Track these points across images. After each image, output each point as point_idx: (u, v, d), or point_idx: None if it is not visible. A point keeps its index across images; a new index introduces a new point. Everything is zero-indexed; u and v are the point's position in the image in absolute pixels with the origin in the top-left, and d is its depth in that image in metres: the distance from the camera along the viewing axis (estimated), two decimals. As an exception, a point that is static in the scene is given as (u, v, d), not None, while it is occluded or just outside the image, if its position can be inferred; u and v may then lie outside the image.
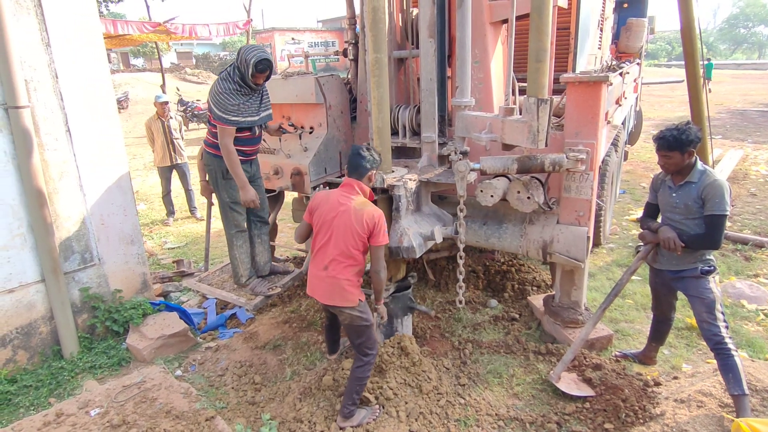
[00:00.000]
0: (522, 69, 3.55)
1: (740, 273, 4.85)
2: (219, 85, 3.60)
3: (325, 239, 2.81)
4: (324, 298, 2.84)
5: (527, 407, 3.14)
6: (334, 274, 2.76)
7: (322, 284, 2.82)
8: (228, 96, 3.56)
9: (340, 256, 2.75)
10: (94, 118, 3.88)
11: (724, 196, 2.72)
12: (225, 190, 3.84)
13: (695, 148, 2.81)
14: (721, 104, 17.26)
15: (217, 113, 3.59)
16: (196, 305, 4.60)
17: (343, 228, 2.74)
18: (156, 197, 8.38)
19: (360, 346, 2.88)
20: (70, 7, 3.67)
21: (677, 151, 2.79)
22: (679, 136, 2.76)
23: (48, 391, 3.45)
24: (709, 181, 2.77)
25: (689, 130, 2.77)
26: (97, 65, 3.87)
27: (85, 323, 3.96)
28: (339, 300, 2.79)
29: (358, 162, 2.82)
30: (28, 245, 3.59)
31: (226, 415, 3.11)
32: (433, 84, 3.63)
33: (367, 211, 2.73)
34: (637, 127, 9.97)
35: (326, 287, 2.80)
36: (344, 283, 2.76)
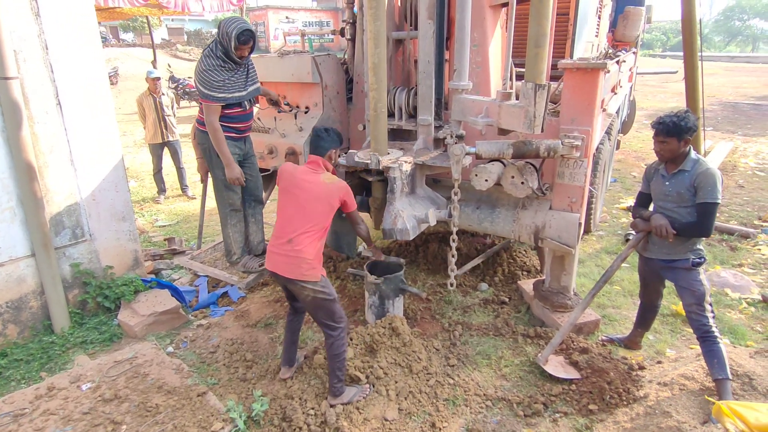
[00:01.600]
0: (520, 54, 3.54)
1: (725, 262, 4.95)
2: (203, 62, 3.55)
3: (291, 212, 2.82)
4: (287, 272, 2.79)
5: (515, 388, 3.20)
6: (300, 248, 2.75)
7: (285, 259, 2.79)
8: (212, 72, 3.51)
9: (312, 229, 2.77)
10: (85, 91, 3.81)
11: (716, 185, 2.77)
12: (219, 168, 3.82)
13: (691, 137, 2.83)
14: (714, 96, 17.35)
15: (203, 91, 3.55)
16: (187, 283, 4.60)
17: (314, 201, 2.79)
18: (147, 174, 8.29)
19: (326, 321, 2.88)
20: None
21: (674, 138, 2.82)
22: (678, 122, 2.79)
23: (39, 365, 3.45)
24: (702, 170, 2.81)
25: (688, 117, 2.80)
26: (89, 37, 3.79)
27: (76, 299, 3.94)
28: (301, 274, 2.76)
29: (318, 142, 2.95)
30: (17, 219, 3.56)
31: (217, 391, 3.15)
32: (430, 66, 3.61)
33: (337, 184, 2.86)
34: (630, 117, 10.02)
35: (290, 261, 2.77)
36: (308, 257, 2.76)
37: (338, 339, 2.89)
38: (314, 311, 2.91)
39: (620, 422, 2.79)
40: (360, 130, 4.30)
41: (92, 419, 2.71)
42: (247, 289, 4.36)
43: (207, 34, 36.91)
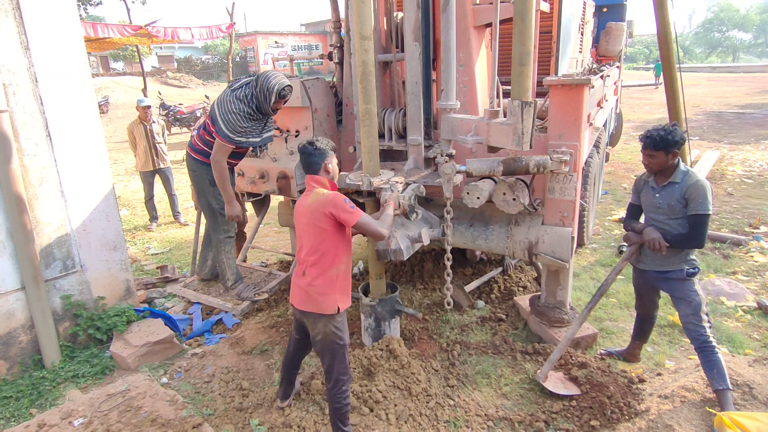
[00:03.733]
0: (506, 72, 3.60)
1: (719, 271, 4.97)
2: (234, 104, 3.61)
3: (300, 245, 2.74)
4: (300, 304, 2.72)
5: (516, 407, 3.17)
6: (310, 281, 2.65)
7: (299, 291, 2.73)
8: (241, 118, 3.60)
9: (313, 258, 2.64)
10: (75, 122, 3.81)
11: (707, 196, 2.79)
12: (214, 198, 3.85)
13: (679, 149, 2.86)
14: (698, 106, 17.68)
15: (223, 130, 3.61)
16: (181, 311, 4.54)
17: (307, 228, 2.65)
18: (138, 202, 8.26)
19: (331, 369, 2.71)
20: (49, 10, 3.61)
21: (662, 151, 2.84)
22: (665, 136, 2.81)
23: (29, 401, 3.37)
24: (692, 182, 2.83)
25: (675, 131, 2.82)
26: (78, 69, 3.81)
27: (66, 331, 3.88)
28: (314, 306, 2.66)
29: (305, 160, 2.73)
30: (7, 252, 3.51)
31: (213, 422, 3.08)
32: (418, 87, 3.66)
33: (320, 198, 2.59)
34: (617, 129, 10.17)
35: (303, 293, 2.70)
36: (321, 288, 2.63)
37: (338, 392, 2.71)
38: (322, 352, 2.76)
39: (623, 438, 2.76)
40: (351, 152, 4.33)
41: (84, 456, 2.64)
42: (242, 315, 4.31)
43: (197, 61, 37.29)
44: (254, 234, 5.25)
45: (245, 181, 4.31)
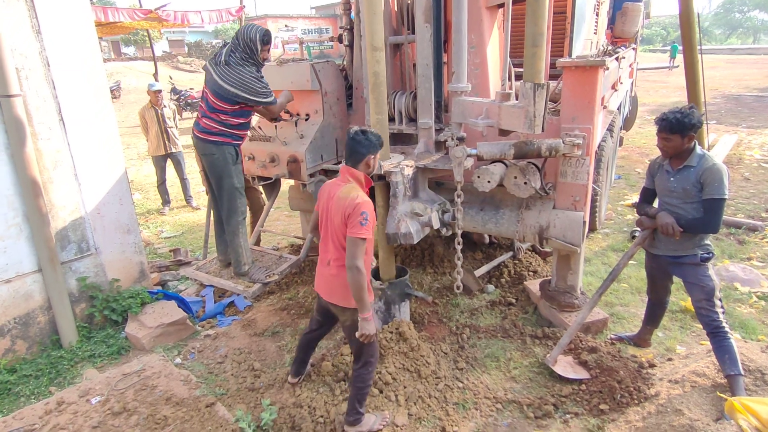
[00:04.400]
0: (518, 54, 3.54)
1: (734, 256, 4.90)
2: (247, 71, 3.70)
3: (324, 233, 2.70)
4: (326, 295, 2.73)
5: (524, 390, 3.18)
6: (336, 272, 2.63)
7: (324, 280, 2.73)
8: (258, 79, 3.74)
9: (335, 251, 2.61)
10: (88, 106, 3.84)
11: (723, 180, 2.73)
12: (237, 176, 3.93)
13: (696, 133, 2.79)
14: (716, 89, 17.28)
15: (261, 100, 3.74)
16: (193, 294, 4.61)
17: (332, 220, 2.59)
18: (151, 186, 8.33)
19: (360, 352, 2.73)
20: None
21: (678, 134, 2.78)
22: (682, 119, 2.74)
23: (48, 380, 3.47)
24: (708, 165, 2.77)
25: (692, 114, 2.75)
26: (89, 53, 3.82)
27: (83, 312, 3.96)
28: (339, 299, 2.66)
29: (351, 146, 2.60)
30: (24, 235, 3.58)
31: (226, 401, 3.14)
32: (429, 70, 3.61)
33: (349, 198, 2.49)
34: (632, 113, 9.99)
35: (328, 284, 2.70)
36: (344, 282, 2.57)
37: (368, 373, 2.74)
38: (350, 337, 2.76)
39: (632, 421, 2.76)
40: (361, 136, 4.31)
41: (102, 433, 2.72)
42: (253, 298, 4.36)
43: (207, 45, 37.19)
44: (265, 217, 5.28)
45: (256, 164, 4.31)
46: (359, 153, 2.60)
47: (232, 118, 3.80)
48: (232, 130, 3.84)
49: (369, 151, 2.59)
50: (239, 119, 3.82)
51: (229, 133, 3.83)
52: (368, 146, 2.58)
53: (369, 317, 2.54)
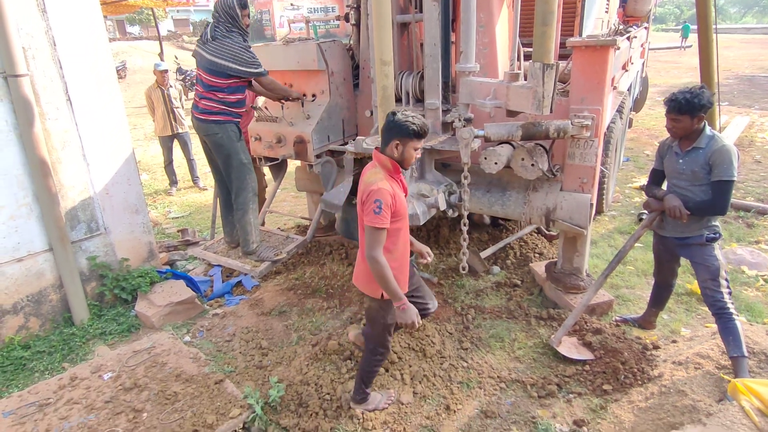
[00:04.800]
0: (528, 33, 3.48)
1: (742, 240, 4.88)
2: (236, 41, 3.77)
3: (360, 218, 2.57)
4: (354, 279, 2.69)
5: (528, 370, 3.22)
6: (360, 257, 2.58)
7: (356, 264, 2.67)
8: (246, 48, 3.79)
9: (362, 236, 2.49)
10: (94, 86, 3.84)
11: (732, 162, 2.69)
12: (244, 152, 4.03)
13: (705, 114, 2.75)
14: (729, 70, 16.95)
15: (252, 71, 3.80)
16: (202, 273, 4.66)
17: (359, 204, 2.47)
18: (158, 167, 8.37)
19: (371, 338, 2.72)
20: (65, -29, 3.58)
21: (687, 115, 2.73)
22: (691, 99, 2.69)
23: (61, 356, 3.55)
24: (718, 147, 2.73)
25: (702, 94, 2.70)
26: (95, 32, 3.80)
27: (93, 291, 4.02)
28: (361, 285, 2.61)
29: (382, 128, 2.43)
30: (34, 215, 3.62)
31: (234, 378, 3.20)
32: (436, 49, 3.57)
33: (367, 183, 2.37)
34: (642, 94, 9.84)
35: (357, 268, 2.65)
36: (366, 268, 2.48)
37: (374, 360, 2.73)
38: (368, 320, 2.77)
39: (635, 402, 2.79)
40: (368, 117, 4.29)
41: (114, 407, 2.79)
42: (261, 277, 4.41)
43: (212, 24, 36.80)
44: (272, 198, 5.30)
45: (262, 145, 4.31)
46: (385, 136, 2.42)
47: (228, 96, 3.88)
48: (231, 108, 3.93)
49: (393, 136, 2.36)
50: (236, 95, 3.91)
51: (229, 111, 3.92)
52: (393, 130, 2.36)
53: (403, 306, 2.40)
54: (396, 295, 2.40)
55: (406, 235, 2.58)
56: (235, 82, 3.85)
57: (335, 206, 3.60)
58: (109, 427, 2.65)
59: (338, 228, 4.08)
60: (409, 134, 2.34)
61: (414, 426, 2.80)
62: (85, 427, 2.65)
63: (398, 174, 2.46)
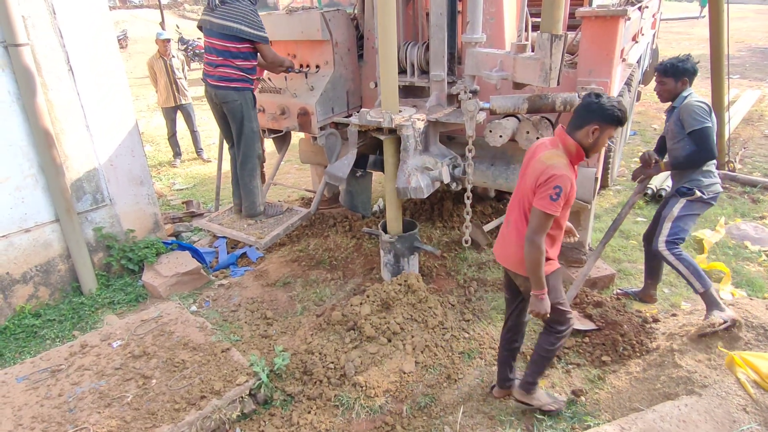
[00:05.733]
0: (536, 3, 3.40)
1: (746, 215, 4.86)
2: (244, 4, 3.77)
3: (515, 191, 2.47)
4: (500, 258, 2.54)
5: (528, 341, 3.25)
6: (514, 237, 2.41)
7: (502, 241, 2.53)
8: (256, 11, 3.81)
9: (517, 214, 2.40)
10: (96, 56, 3.80)
11: (697, 113, 2.89)
12: (255, 120, 4.05)
13: (690, 79, 2.98)
14: (742, 41, 16.53)
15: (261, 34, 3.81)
16: (207, 245, 4.71)
17: (525, 182, 2.33)
18: (162, 139, 8.34)
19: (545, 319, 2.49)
20: (63, -64, 3.50)
21: (671, 78, 2.99)
22: (676, 63, 2.98)
23: (71, 324, 3.63)
24: (684, 103, 2.95)
25: (688, 60, 2.98)
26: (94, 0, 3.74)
27: (101, 261, 4.08)
28: (512, 264, 2.45)
29: (577, 110, 2.26)
30: (40, 186, 3.64)
31: (240, 347, 3.27)
32: (442, 19, 3.50)
33: (547, 164, 2.19)
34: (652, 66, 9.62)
35: (503, 246, 2.51)
36: (519, 247, 2.35)
37: (555, 339, 2.50)
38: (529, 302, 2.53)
39: (632, 372, 2.85)
40: (372, 88, 4.24)
41: (124, 374, 2.86)
42: (265, 249, 4.45)
43: (214, -8, 35.98)
44: (275, 170, 5.29)
45: (266, 117, 4.29)
46: (582, 118, 2.22)
47: (245, 62, 3.87)
48: (248, 74, 3.94)
49: (593, 119, 2.18)
50: (250, 61, 3.91)
51: (247, 78, 3.93)
52: (595, 113, 2.17)
53: (542, 295, 2.30)
54: (540, 283, 2.30)
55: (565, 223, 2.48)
56: (247, 47, 3.83)
57: (339, 178, 3.60)
58: (120, 392, 2.73)
59: (342, 200, 4.09)
60: (612, 121, 2.18)
61: (416, 394, 2.87)
62: (97, 392, 2.73)
63: (579, 161, 2.30)
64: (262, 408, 2.84)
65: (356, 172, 3.86)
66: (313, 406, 2.81)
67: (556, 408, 2.67)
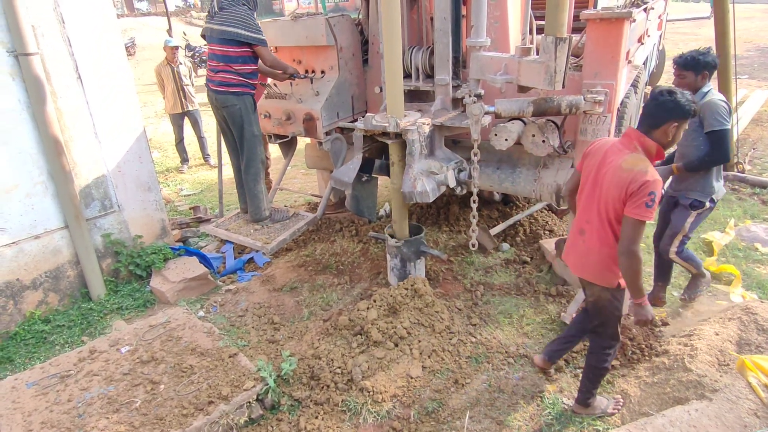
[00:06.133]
0: (540, 6, 3.40)
1: (756, 216, 4.81)
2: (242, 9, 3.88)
3: (585, 197, 2.39)
4: (575, 268, 2.49)
5: (536, 345, 3.25)
6: (595, 246, 2.34)
7: (576, 252, 2.47)
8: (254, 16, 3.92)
9: (598, 222, 2.30)
10: (104, 63, 3.84)
11: (719, 112, 2.83)
12: (255, 124, 4.10)
13: (710, 72, 2.91)
14: (750, 41, 16.39)
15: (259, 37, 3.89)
16: (214, 250, 4.73)
17: (605, 189, 2.24)
18: (169, 145, 8.41)
19: (596, 330, 2.53)
20: (71, -53, 3.55)
21: (692, 71, 2.91)
22: (696, 56, 2.90)
23: (80, 330, 3.65)
24: (705, 101, 2.87)
25: (708, 53, 2.91)
26: (103, 8, 3.79)
27: (109, 267, 4.11)
28: (591, 274, 2.41)
29: (650, 108, 2.17)
30: (49, 193, 3.68)
31: (247, 352, 3.28)
32: (447, 23, 3.51)
33: (635, 171, 2.11)
34: (659, 67, 9.58)
35: (579, 256, 2.45)
36: (601, 259, 2.33)
37: (602, 353, 2.53)
38: (591, 313, 2.58)
39: (641, 377, 2.82)
40: (377, 93, 4.25)
41: (132, 379, 2.88)
42: (272, 254, 4.47)
43: None
44: (282, 176, 5.32)
45: (272, 122, 4.32)
46: (658, 117, 2.15)
47: (243, 66, 3.94)
48: (247, 79, 4.00)
49: (672, 117, 2.13)
50: (249, 65, 3.97)
51: (246, 83, 3.99)
52: (674, 111, 2.12)
53: (644, 302, 2.25)
54: (640, 292, 2.24)
55: None
56: (246, 51, 3.92)
57: (345, 183, 3.61)
58: (128, 397, 2.74)
59: (348, 205, 4.09)
60: (689, 115, 2.15)
61: (423, 399, 2.87)
62: (105, 398, 2.74)
63: (658, 160, 2.28)
64: (270, 413, 2.84)
65: (362, 176, 3.87)
66: (320, 411, 2.81)
67: (617, 410, 2.70)
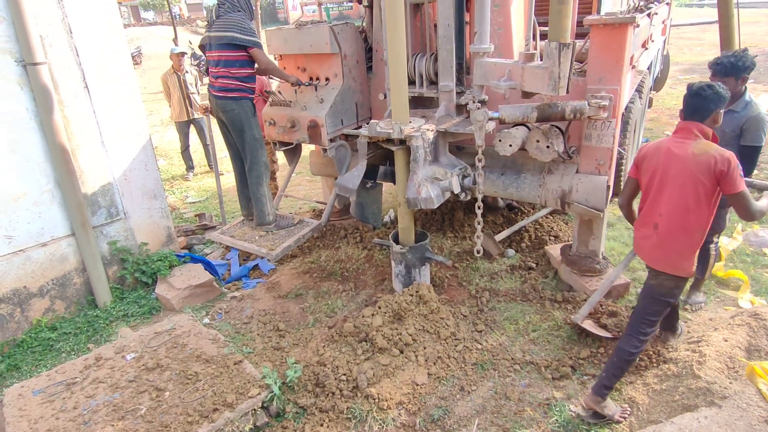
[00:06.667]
0: (544, 12, 3.41)
1: (764, 222, 4.77)
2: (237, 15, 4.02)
3: (656, 194, 2.51)
4: (652, 261, 2.56)
5: (542, 352, 3.23)
6: (666, 236, 2.47)
7: (649, 243, 2.57)
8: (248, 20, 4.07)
9: (677, 213, 2.42)
10: (110, 73, 3.88)
11: (763, 129, 2.83)
12: (257, 128, 4.20)
13: (749, 75, 2.90)
14: (756, 46, 16.34)
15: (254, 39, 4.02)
16: (219, 257, 4.74)
17: (680, 179, 2.39)
18: (175, 153, 8.46)
19: (639, 316, 2.61)
20: (79, -42, 3.60)
21: (732, 77, 2.88)
22: (735, 62, 2.86)
23: (86, 337, 3.66)
24: (754, 114, 2.86)
25: (746, 55, 2.87)
26: (110, 18, 3.83)
27: (115, 275, 4.13)
28: (669, 265, 2.50)
29: (697, 103, 2.41)
30: (56, 201, 3.71)
31: (252, 359, 3.27)
32: (450, 30, 3.52)
33: (712, 154, 2.31)
34: (663, 73, 9.56)
35: (656, 248, 2.53)
36: (682, 248, 2.45)
37: (637, 338, 2.59)
38: (644, 298, 2.65)
39: (650, 384, 2.79)
40: (381, 100, 4.27)
41: (137, 386, 2.88)
42: (277, 261, 4.47)
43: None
44: (287, 183, 5.33)
45: (276, 130, 4.34)
46: (707, 109, 2.41)
47: (241, 69, 4.05)
48: (245, 83, 4.12)
49: (718, 105, 2.41)
50: (246, 69, 4.09)
51: (244, 87, 4.11)
52: (717, 100, 2.39)
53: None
54: None
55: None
56: (243, 55, 4.04)
57: (350, 190, 3.62)
58: (134, 404, 2.74)
59: (353, 211, 4.10)
60: (727, 99, 2.43)
61: (429, 406, 2.85)
62: (111, 405, 2.74)
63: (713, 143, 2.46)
64: (275, 421, 2.83)
65: (366, 183, 3.88)
66: (325, 419, 2.79)
67: (623, 419, 2.66)
